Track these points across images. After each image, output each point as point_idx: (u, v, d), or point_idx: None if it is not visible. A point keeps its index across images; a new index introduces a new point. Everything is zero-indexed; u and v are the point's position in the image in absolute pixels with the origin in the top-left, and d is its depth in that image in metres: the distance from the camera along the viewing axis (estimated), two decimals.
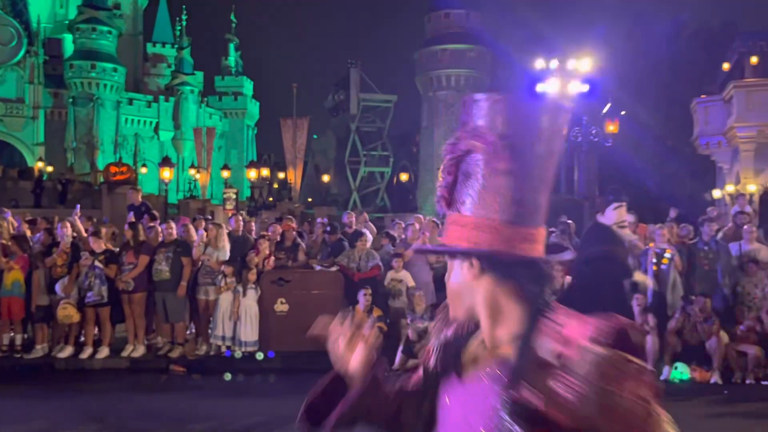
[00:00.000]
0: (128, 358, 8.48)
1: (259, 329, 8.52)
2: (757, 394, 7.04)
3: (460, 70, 49.55)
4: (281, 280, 8.72)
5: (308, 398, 1.50)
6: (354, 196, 55.05)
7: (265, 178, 37.55)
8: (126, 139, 58.60)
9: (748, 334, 7.74)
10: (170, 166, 27.59)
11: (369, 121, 56.55)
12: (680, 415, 4.72)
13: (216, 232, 8.93)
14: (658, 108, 34.59)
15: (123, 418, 6.15)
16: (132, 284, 8.48)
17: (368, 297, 8.19)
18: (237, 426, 5.89)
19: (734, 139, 22.92)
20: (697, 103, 25.51)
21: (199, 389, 7.42)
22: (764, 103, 21.93)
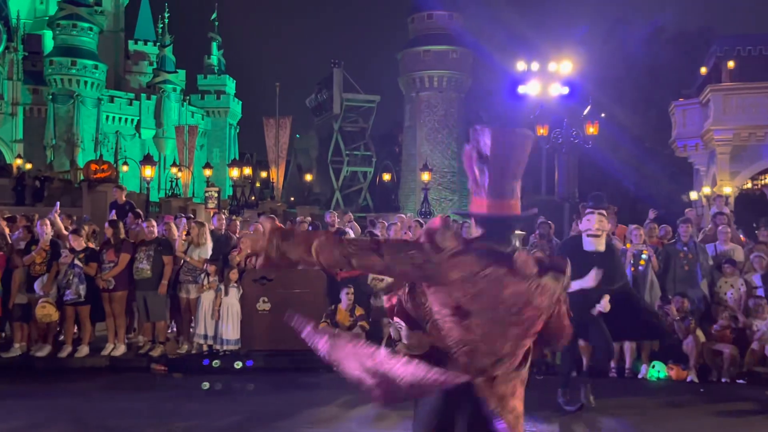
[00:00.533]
0: (108, 357, 8.43)
1: (241, 328, 8.52)
2: (732, 393, 7.19)
3: (442, 71, 49.76)
4: (263, 279, 8.72)
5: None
6: (336, 195, 55.05)
7: (248, 177, 37.38)
8: (107, 137, 58.00)
9: (724, 334, 7.89)
10: (152, 165, 27.33)
11: (352, 121, 56.58)
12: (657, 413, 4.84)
13: (198, 231, 8.91)
14: (636, 110, 35.02)
15: (103, 417, 6.13)
16: (112, 283, 8.43)
17: (350, 296, 8.23)
18: (219, 424, 5.89)
19: (711, 141, 23.30)
20: (675, 106, 25.90)
21: (180, 388, 7.40)
22: (740, 107, 22.33)
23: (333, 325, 8.14)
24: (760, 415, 6.28)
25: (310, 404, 6.48)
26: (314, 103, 60.15)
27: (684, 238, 8.77)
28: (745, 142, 22.56)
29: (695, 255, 8.62)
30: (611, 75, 34.29)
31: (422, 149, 49.42)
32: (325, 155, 57.13)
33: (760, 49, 24.00)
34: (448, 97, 50.25)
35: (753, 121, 22.22)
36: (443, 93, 50.16)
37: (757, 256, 8.72)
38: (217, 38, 70.93)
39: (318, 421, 5.96)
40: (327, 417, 6.09)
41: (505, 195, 2.52)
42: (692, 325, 7.88)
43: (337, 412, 6.23)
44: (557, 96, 15.80)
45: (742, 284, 8.56)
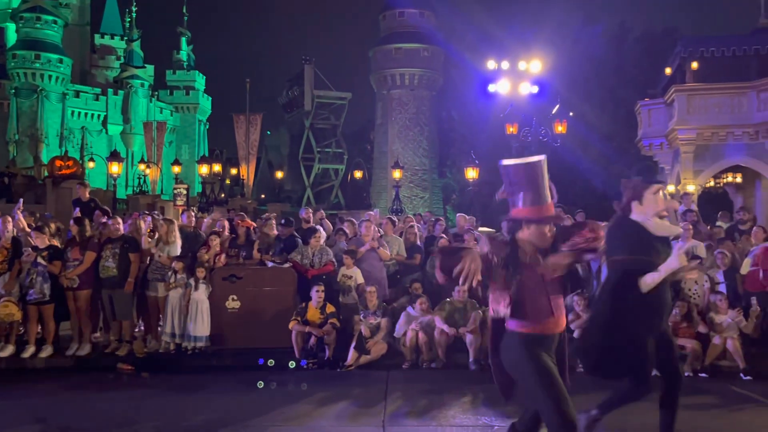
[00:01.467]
0: (73, 357, 8.28)
1: (210, 326, 8.44)
2: (695, 386, 7.35)
3: (413, 69, 49.86)
4: (233, 277, 8.66)
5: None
6: (308, 192, 54.81)
7: (217, 173, 36.96)
8: (72, 133, 56.90)
9: (687, 329, 8.07)
10: (119, 161, 26.80)
11: (323, 118, 56.36)
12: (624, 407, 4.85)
13: (168, 228, 8.80)
14: (604, 110, 35.56)
15: (68, 418, 6.02)
16: (77, 281, 8.28)
17: (321, 293, 8.21)
18: (188, 424, 5.83)
19: (675, 141, 23.78)
20: (641, 106, 26.35)
21: (148, 387, 7.30)
22: (703, 107, 22.82)
23: (304, 322, 8.12)
24: (723, 407, 6.44)
25: (280, 402, 6.46)
26: (285, 100, 59.75)
27: None
28: (707, 142, 23.06)
29: None
30: (580, 74, 34.77)
31: (394, 147, 49.47)
32: (297, 152, 56.82)
33: (722, 50, 24.52)
34: (419, 95, 50.38)
35: (715, 121, 22.72)
36: (415, 91, 50.27)
37: (720, 253, 8.94)
38: (186, 33, 70.05)
39: (289, 419, 5.94)
40: (298, 414, 6.08)
41: (543, 199, 3.56)
42: None
43: (307, 409, 6.22)
44: (527, 95, 15.98)
45: (707, 280, 8.77)
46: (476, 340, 7.99)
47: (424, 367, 8.00)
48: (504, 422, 5.72)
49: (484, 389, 6.90)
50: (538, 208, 3.51)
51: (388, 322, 8.30)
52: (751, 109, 22.32)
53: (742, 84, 22.57)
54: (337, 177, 56.64)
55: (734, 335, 7.89)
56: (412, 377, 7.62)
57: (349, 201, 52.75)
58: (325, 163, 56.22)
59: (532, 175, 3.52)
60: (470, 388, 6.97)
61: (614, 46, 37.24)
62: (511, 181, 3.55)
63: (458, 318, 8.20)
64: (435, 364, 8.04)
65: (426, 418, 5.91)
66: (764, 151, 22.46)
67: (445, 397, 6.61)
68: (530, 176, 3.52)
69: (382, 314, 8.36)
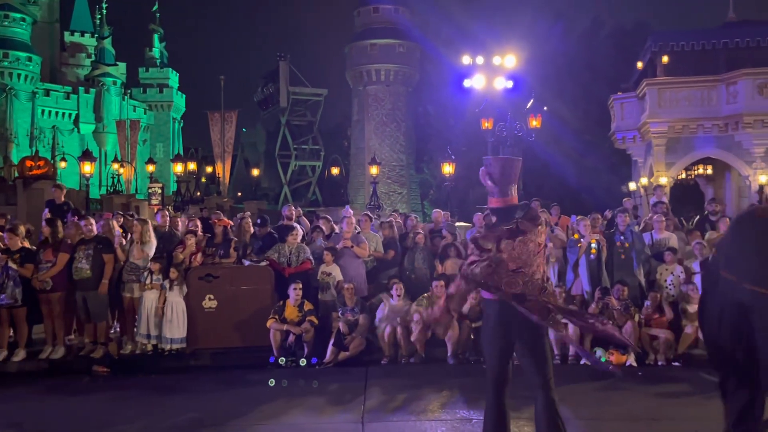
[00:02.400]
0: (47, 360, 8.16)
1: (187, 326, 8.38)
2: (668, 374, 7.51)
3: (389, 65, 49.88)
4: (209, 276, 8.59)
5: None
6: (285, 190, 54.55)
7: (192, 172, 36.62)
8: (43, 132, 55.93)
9: (660, 319, 8.22)
10: (91, 160, 26.40)
11: (299, 115, 56.12)
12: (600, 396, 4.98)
13: (142, 228, 8.71)
14: (577, 104, 35.95)
15: (43, 422, 5.94)
16: (50, 283, 8.16)
17: (298, 291, 8.20)
18: (167, 425, 5.78)
19: (647, 134, 24.13)
20: (613, 100, 26.69)
21: (124, 389, 7.22)
22: (674, 100, 23.20)
23: (281, 320, 8.10)
24: (695, 395, 6.57)
25: (258, 401, 6.44)
26: (260, 97, 59.34)
27: (621, 228, 9.08)
28: (679, 134, 23.45)
29: (632, 244, 8.94)
30: (553, 70, 35.11)
31: (371, 143, 49.48)
32: (273, 149, 56.50)
33: (692, 44, 24.91)
34: (395, 90, 50.41)
35: (686, 114, 23.11)
36: (391, 87, 50.29)
37: (698, 243, 9.09)
38: (158, 30, 69.17)
39: (268, 416, 5.93)
40: (277, 411, 6.07)
41: (508, 195, 4.27)
42: (631, 311, 8.19)
43: (287, 407, 6.22)
44: (502, 89, 16.09)
45: (681, 271, 8.93)
46: (454, 335, 8.04)
47: (403, 362, 8.03)
48: (481, 416, 5.78)
49: (463, 383, 6.96)
50: (504, 200, 4.30)
51: (366, 319, 8.31)
52: (720, 102, 22.74)
53: (712, 77, 22.98)
54: (314, 174, 56.48)
55: None
56: (390, 372, 7.65)
57: (326, 198, 52.64)
58: (302, 160, 56.01)
59: (509, 170, 4.31)
60: (448, 382, 7.03)
61: (586, 42, 37.66)
62: (491, 174, 4.29)
63: None
64: (413, 359, 8.08)
65: (405, 413, 5.94)
66: (733, 143, 22.91)
67: (424, 391, 6.65)
68: (507, 171, 4.30)
69: (360, 310, 8.37)
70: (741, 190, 24.00)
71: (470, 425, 5.54)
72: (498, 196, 4.27)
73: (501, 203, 4.27)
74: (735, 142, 22.85)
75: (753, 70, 22.01)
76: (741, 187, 23.99)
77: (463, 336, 8.17)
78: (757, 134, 22.26)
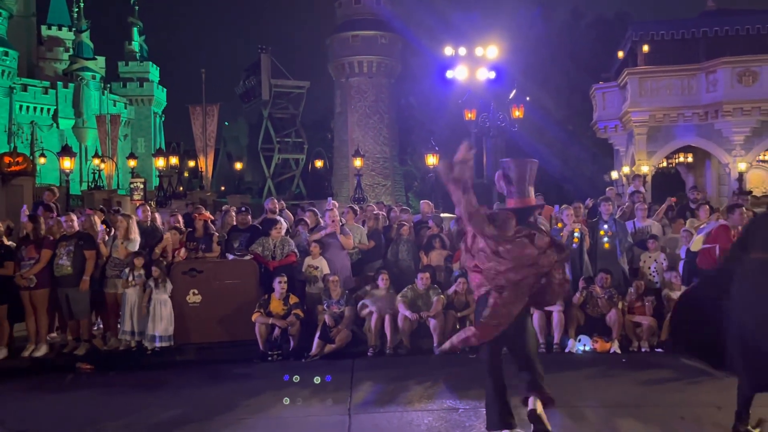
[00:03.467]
0: (29, 358, 8.07)
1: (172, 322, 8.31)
2: (651, 361, 7.59)
3: (371, 57, 49.71)
4: (193, 271, 8.53)
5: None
6: (268, 183, 54.29)
7: (174, 166, 36.30)
8: (21, 128, 55.11)
9: (641, 308, 8.30)
10: (71, 156, 26.03)
11: (282, 108, 55.78)
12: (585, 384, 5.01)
13: (126, 224, 8.62)
14: (560, 94, 36.11)
15: (26, 421, 5.86)
16: (34, 280, 8.06)
17: (283, 285, 8.16)
18: (153, 421, 5.74)
19: (629, 123, 24.31)
20: (595, 89, 26.85)
21: (108, 386, 7.15)
22: (655, 89, 23.39)
23: (267, 314, 8.07)
24: (678, 381, 6.65)
25: (246, 395, 6.42)
26: (242, 90, 58.88)
27: (605, 217, 9.15)
28: (660, 123, 23.66)
29: (615, 232, 9.01)
30: (535, 60, 35.20)
31: (354, 135, 49.33)
32: (256, 143, 56.15)
33: (672, 33, 25.09)
34: (378, 82, 50.26)
35: (666, 102, 23.32)
36: (373, 78, 50.13)
37: (686, 231, 9.18)
38: (137, 23, 68.37)
39: (255, 411, 5.91)
40: (264, 406, 6.05)
41: (525, 194, 4.40)
42: (615, 299, 8.26)
43: (273, 400, 6.20)
44: (484, 80, 16.11)
45: (664, 259, 9.03)
46: (440, 325, 8.06)
47: (389, 354, 8.04)
48: (468, 405, 5.82)
49: (449, 373, 6.98)
50: (522, 200, 4.43)
51: (352, 311, 8.31)
52: (700, 91, 22.97)
53: (692, 66, 23.20)
54: (297, 167, 56.24)
55: None
56: (377, 364, 7.66)
57: (310, 191, 52.46)
58: (285, 153, 55.73)
59: (526, 172, 4.45)
60: (435, 372, 7.05)
61: (568, 32, 37.80)
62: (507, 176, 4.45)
63: (421, 304, 8.26)
64: (400, 350, 8.09)
65: (392, 404, 5.95)
66: (713, 131, 23.16)
67: (410, 382, 6.66)
68: (523, 173, 4.44)
69: (346, 303, 8.36)
70: (721, 177, 24.30)
71: (456, 414, 5.56)
72: (516, 197, 4.38)
73: (519, 203, 4.38)
74: (715, 130, 23.10)
75: (732, 58, 22.25)
76: (721, 175, 24.29)
77: (448, 326, 8.20)
78: (736, 122, 22.53)
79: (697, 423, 5.17)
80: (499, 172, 4.51)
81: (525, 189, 4.39)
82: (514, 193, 4.39)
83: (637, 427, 5.16)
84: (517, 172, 4.37)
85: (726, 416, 5.15)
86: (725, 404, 5.61)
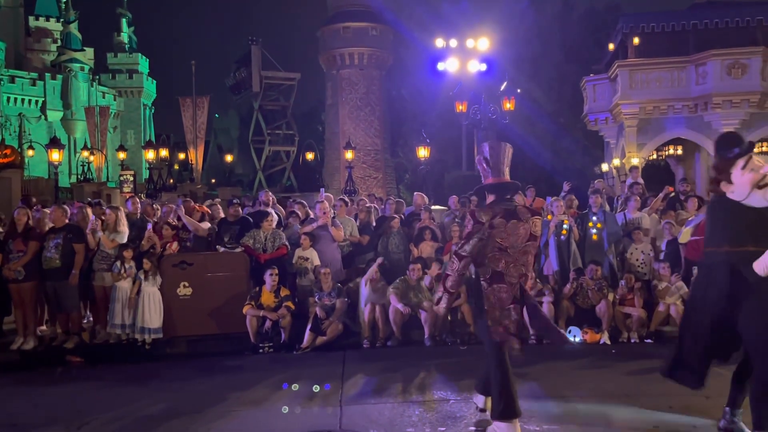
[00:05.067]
0: (18, 352, 8.02)
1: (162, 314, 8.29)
2: (641, 351, 7.65)
3: (362, 48, 49.44)
4: (183, 264, 8.50)
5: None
6: (259, 175, 54.03)
7: (165, 159, 36.06)
8: (9, 120, 54.58)
9: (632, 300, 8.35)
10: (59, 148, 25.79)
11: (272, 99, 55.46)
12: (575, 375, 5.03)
13: (115, 216, 8.57)
14: (551, 87, 36.13)
15: (14, 414, 5.83)
16: (22, 273, 8.00)
17: (275, 277, 8.15)
18: (143, 414, 5.73)
19: (619, 115, 24.39)
20: (586, 82, 26.89)
21: (98, 379, 7.12)
22: (645, 82, 23.46)
23: (258, 307, 8.06)
24: None
25: (237, 387, 6.41)
26: (233, 82, 58.50)
27: (594, 209, 9.18)
28: (650, 116, 23.75)
29: (604, 224, 9.05)
30: (526, 52, 35.18)
31: (345, 127, 49.15)
32: (246, 135, 55.85)
33: (662, 25, 25.14)
34: (369, 74, 50.06)
35: (657, 95, 23.40)
36: (364, 70, 49.92)
37: (668, 223, 9.24)
38: (126, 14, 67.78)
39: (246, 403, 5.91)
40: (255, 398, 6.05)
41: (501, 174, 4.75)
42: (605, 290, 8.31)
43: (265, 393, 6.20)
44: (475, 72, 16.10)
45: (651, 250, 9.08)
46: (431, 317, 8.08)
47: (380, 345, 8.06)
48: (459, 396, 5.84)
49: (440, 364, 7.01)
50: (498, 178, 4.78)
51: (343, 303, 8.31)
52: (689, 83, 23.06)
53: (681, 58, 23.27)
54: (288, 159, 56.00)
55: (677, 301, 8.20)
56: (368, 356, 7.67)
57: (301, 183, 52.31)
58: (276, 145, 55.47)
59: (501, 153, 4.80)
60: (426, 364, 7.07)
61: (559, 24, 37.79)
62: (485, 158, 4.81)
63: (413, 296, 8.27)
64: (391, 341, 8.11)
65: (383, 396, 5.96)
66: (703, 123, 23.27)
67: (402, 373, 6.68)
68: (499, 153, 4.79)
69: (337, 295, 8.36)
70: (710, 170, 24.43)
71: (448, 405, 5.58)
72: (492, 176, 4.76)
73: (496, 181, 4.76)
74: (704, 122, 23.21)
75: (721, 50, 22.33)
76: (710, 167, 24.41)
77: (439, 318, 8.22)
78: (725, 114, 22.63)
79: (686, 412, 5.22)
80: (479, 156, 4.91)
81: (501, 169, 4.76)
82: (490, 173, 4.76)
83: (626, 417, 5.20)
84: (492, 154, 4.76)
85: (714, 406, 5.19)
86: (713, 394, 5.66)
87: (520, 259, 4.62)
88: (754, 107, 22.57)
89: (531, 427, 4.96)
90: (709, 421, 4.96)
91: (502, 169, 4.74)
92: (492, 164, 4.72)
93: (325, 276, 8.40)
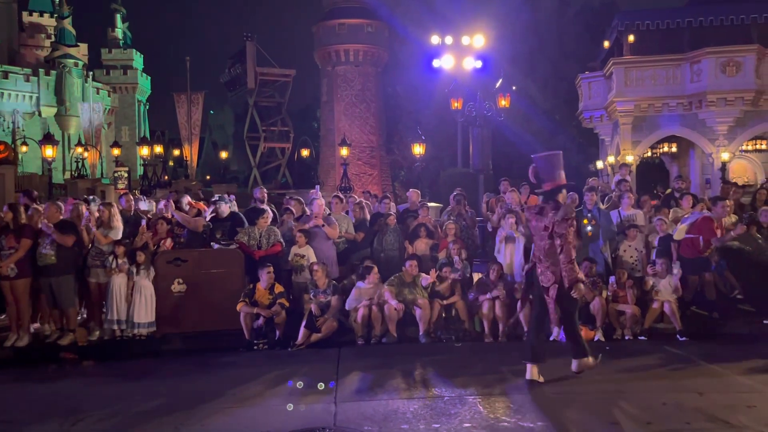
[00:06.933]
0: (12, 349, 8.00)
1: (156, 311, 8.28)
2: (634, 348, 7.69)
3: (358, 45, 49.36)
4: (178, 260, 8.48)
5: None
6: (254, 172, 53.91)
7: (159, 155, 35.91)
8: (2, 116, 54.30)
9: (625, 297, 8.37)
10: (53, 144, 25.68)
11: (267, 96, 55.31)
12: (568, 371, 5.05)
13: (109, 213, 8.55)
14: (546, 84, 36.14)
15: (8, 411, 5.82)
16: (15, 270, 7.96)
17: (270, 274, 8.14)
18: (138, 410, 5.72)
19: (614, 113, 24.42)
20: (581, 79, 26.90)
21: (93, 376, 7.12)
22: (640, 79, 23.49)
23: (252, 304, 8.05)
24: (661, 367, 6.74)
25: (232, 383, 6.41)
26: (227, 78, 58.31)
27: (588, 206, 9.20)
28: (644, 113, 23.78)
29: (598, 221, 9.07)
30: (522, 49, 35.17)
31: (340, 124, 49.09)
32: (241, 131, 55.68)
33: (657, 23, 25.15)
34: (364, 71, 49.98)
35: (651, 92, 23.43)
36: (360, 67, 49.84)
37: (659, 220, 9.27)
38: (121, 10, 67.44)
39: (241, 400, 5.91)
40: (250, 395, 6.05)
41: (555, 179, 6.08)
42: (599, 288, 8.33)
43: (259, 390, 6.20)
44: (471, 69, 16.05)
45: (644, 247, 9.10)
46: (425, 314, 8.09)
47: (375, 342, 8.06)
48: (453, 393, 5.86)
49: (434, 361, 7.02)
50: (552, 183, 6.08)
51: (338, 300, 8.31)
52: (684, 81, 23.11)
53: (676, 56, 23.31)
54: (283, 156, 55.89)
55: (671, 299, 8.23)
56: (363, 353, 7.68)
57: (296, 180, 52.28)
58: (271, 141, 55.35)
59: (553, 162, 6.14)
60: (421, 360, 7.08)
61: (555, 21, 37.78)
62: (536, 169, 6.20)
63: (407, 293, 8.28)
64: (386, 338, 8.11)
65: (378, 393, 5.97)
66: (697, 121, 23.32)
67: (397, 370, 6.69)
68: (553, 162, 6.14)
69: (332, 292, 8.36)
70: (704, 167, 24.51)
71: (442, 402, 5.59)
72: (548, 183, 6.06)
73: (550, 187, 6.05)
74: (699, 120, 23.26)
75: (716, 48, 22.37)
76: (704, 165, 24.49)
77: (434, 315, 8.24)
78: (720, 112, 22.69)
79: (679, 408, 5.25)
80: (532, 166, 6.21)
81: (555, 174, 6.06)
82: (545, 180, 6.06)
83: (620, 413, 5.22)
84: (545, 164, 6.09)
85: (707, 402, 5.22)
86: (706, 390, 5.69)
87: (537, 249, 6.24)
88: (748, 105, 22.64)
89: (525, 424, 4.98)
90: (702, 417, 4.99)
91: (556, 174, 6.05)
92: (546, 173, 6.07)
93: (320, 273, 8.39)
